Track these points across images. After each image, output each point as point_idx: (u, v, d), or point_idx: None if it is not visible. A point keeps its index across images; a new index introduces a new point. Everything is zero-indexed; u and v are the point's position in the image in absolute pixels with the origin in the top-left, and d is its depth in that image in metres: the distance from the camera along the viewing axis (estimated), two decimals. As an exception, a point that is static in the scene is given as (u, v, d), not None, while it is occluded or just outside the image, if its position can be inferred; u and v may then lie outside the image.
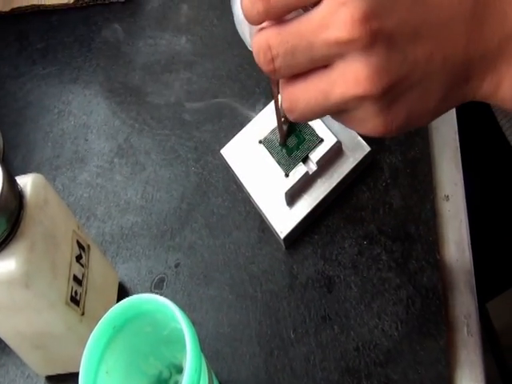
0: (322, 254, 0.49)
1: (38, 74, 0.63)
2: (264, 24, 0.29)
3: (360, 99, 0.28)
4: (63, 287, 0.39)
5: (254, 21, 0.29)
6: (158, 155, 0.57)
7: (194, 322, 0.33)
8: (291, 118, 0.31)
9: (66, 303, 0.39)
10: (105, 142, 0.58)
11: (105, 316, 0.34)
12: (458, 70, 0.29)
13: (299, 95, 0.30)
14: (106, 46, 0.64)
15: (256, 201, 0.50)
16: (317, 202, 0.49)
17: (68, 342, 0.41)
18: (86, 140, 0.59)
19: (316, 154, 0.48)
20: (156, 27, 0.64)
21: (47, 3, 0.67)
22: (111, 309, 0.34)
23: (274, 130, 0.50)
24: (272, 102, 0.51)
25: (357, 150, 0.50)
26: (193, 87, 0.60)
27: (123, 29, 0.65)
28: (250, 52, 0.61)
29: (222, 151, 0.52)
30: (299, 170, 0.48)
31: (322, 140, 0.49)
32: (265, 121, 0.51)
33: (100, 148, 0.58)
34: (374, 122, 0.29)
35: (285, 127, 0.48)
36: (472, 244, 0.50)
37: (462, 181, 0.53)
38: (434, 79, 0.29)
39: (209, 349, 0.47)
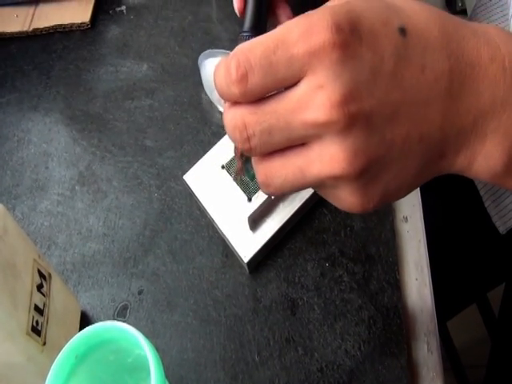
0: (285, 277, 0.50)
1: (-4, 102, 0.63)
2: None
3: (336, 179, 0.28)
4: (23, 317, 0.38)
5: (228, 100, 0.29)
6: (120, 182, 0.56)
7: (158, 349, 0.33)
8: (266, 191, 0.31)
9: (27, 333, 0.38)
10: (66, 170, 0.58)
11: (67, 345, 0.34)
12: (434, 147, 0.29)
13: (276, 171, 0.29)
14: (66, 73, 0.64)
15: (219, 226, 0.50)
16: (279, 225, 0.50)
17: (29, 374, 0.40)
18: (47, 168, 0.58)
19: (278, 179, 0.49)
20: (117, 54, 0.65)
21: (5, 31, 0.66)
22: (73, 337, 0.34)
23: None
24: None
25: (317, 174, 0.51)
26: (154, 114, 0.60)
27: (83, 56, 0.65)
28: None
29: (185, 177, 0.53)
30: (262, 195, 0.49)
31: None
32: (227, 146, 0.52)
33: (61, 176, 0.58)
34: (350, 201, 0.29)
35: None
36: (431, 264, 0.52)
37: (420, 202, 0.55)
38: (410, 157, 0.29)
39: (173, 375, 0.46)
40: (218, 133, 0.58)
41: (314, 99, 0.26)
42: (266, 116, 0.28)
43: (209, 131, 0.58)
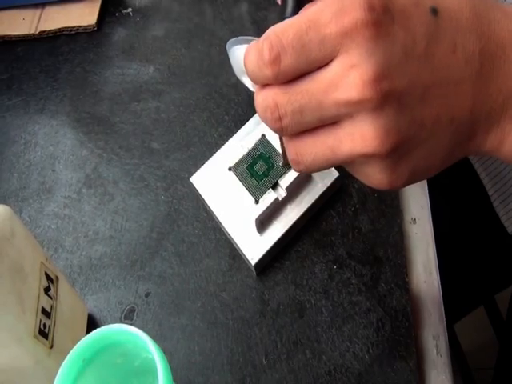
0: (292, 279, 0.50)
1: (3, 105, 0.63)
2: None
3: (367, 157, 0.28)
4: (31, 320, 0.38)
5: (260, 83, 0.29)
6: (126, 184, 0.56)
7: (166, 352, 0.33)
8: (297, 169, 0.31)
9: (35, 336, 0.38)
10: (72, 173, 0.58)
11: (74, 348, 0.34)
12: (464, 129, 0.29)
13: (306, 149, 0.30)
14: (72, 76, 0.64)
15: (226, 228, 0.50)
16: (287, 227, 0.49)
17: (36, 378, 0.40)
18: (53, 170, 0.58)
19: (285, 180, 0.49)
20: (123, 57, 0.65)
21: (12, 34, 0.67)
22: (81, 341, 0.34)
23: (243, 158, 0.50)
24: (240, 130, 0.52)
25: (326, 176, 0.51)
26: (161, 116, 0.60)
27: (90, 59, 0.65)
28: (218, 81, 0.62)
29: (192, 179, 0.53)
30: (269, 197, 0.49)
31: (291, 166, 0.49)
32: (234, 148, 0.52)
33: (67, 178, 0.57)
34: (379, 178, 0.29)
35: None
36: (439, 266, 0.51)
37: (429, 204, 0.54)
38: (440, 138, 0.29)
39: (181, 378, 0.46)
40: (225, 135, 0.57)
41: (347, 78, 0.26)
42: (298, 96, 0.28)
43: (215, 133, 0.58)
